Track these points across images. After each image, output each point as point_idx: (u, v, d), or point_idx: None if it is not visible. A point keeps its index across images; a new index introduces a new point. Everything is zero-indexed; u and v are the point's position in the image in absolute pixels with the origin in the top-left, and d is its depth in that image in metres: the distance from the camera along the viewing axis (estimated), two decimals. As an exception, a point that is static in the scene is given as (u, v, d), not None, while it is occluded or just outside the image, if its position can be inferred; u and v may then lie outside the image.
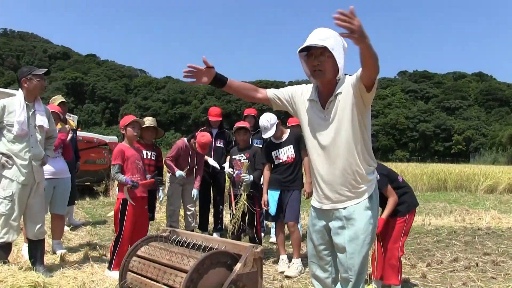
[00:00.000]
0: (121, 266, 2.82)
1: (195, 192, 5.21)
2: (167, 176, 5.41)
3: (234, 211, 4.66)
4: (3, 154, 3.73)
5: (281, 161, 4.48)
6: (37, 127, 3.87)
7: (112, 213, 5.88)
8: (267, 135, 4.44)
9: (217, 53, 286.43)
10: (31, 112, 3.86)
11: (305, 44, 2.24)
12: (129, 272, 2.79)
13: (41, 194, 4.00)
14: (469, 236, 6.45)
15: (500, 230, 7.01)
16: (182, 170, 5.07)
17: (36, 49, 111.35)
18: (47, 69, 4.00)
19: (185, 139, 5.31)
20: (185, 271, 2.38)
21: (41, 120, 3.89)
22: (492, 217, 8.04)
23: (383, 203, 3.53)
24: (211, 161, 5.69)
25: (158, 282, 2.54)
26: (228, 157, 5.81)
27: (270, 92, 2.53)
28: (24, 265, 3.90)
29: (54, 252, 4.69)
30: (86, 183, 9.31)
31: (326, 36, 2.23)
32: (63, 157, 4.86)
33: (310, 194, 4.34)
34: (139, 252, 2.82)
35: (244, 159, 4.72)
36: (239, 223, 4.59)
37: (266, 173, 4.56)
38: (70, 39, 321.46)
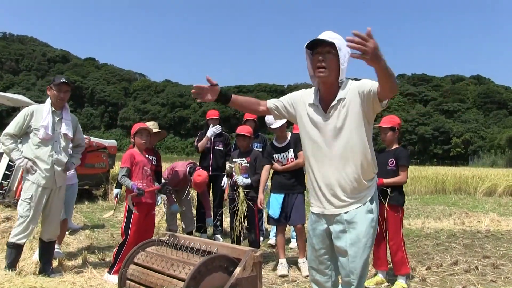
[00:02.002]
0: (120, 272, 2.81)
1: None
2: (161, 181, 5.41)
3: (235, 215, 4.63)
4: (28, 159, 3.87)
5: (281, 164, 4.50)
6: (62, 134, 4.01)
7: (108, 215, 5.86)
8: (275, 125, 4.42)
9: (216, 57, 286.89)
10: (57, 119, 4.00)
11: (315, 38, 2.28)
12: (132, 265, 2.78)
13: (61, 198, 4.14)
14: (468, 239, 6.44)
15: (499, 233, 7.00)
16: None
17: (35, 53, 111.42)
18: (63, 79, 4.02)
19: (187, 167, 5.41)
20: (183, 278, 2.37)
21: (66, 128, 4.04)
22: (491, 220, 8.03)
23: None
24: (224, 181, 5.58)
25: (163, 273, 2.54)
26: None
27: (270, 103, 2.60)
28: (21, 271, 3.88)
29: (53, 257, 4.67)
30: (84, 187, 9.27)
31: (334, 36, 2.29)
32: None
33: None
34: (138, 257, 2.81)
35: (245, 163, 4.72)
36: (239, 226, 4.57)
37: (265, 173, 4.57)
38: (69, 43, 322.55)
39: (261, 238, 5.93)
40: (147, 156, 4.39)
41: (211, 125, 6.00)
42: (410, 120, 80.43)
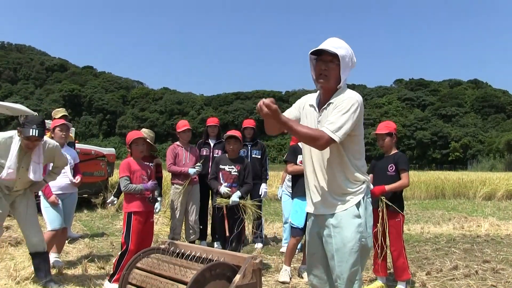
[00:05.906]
0: (120, 279, 2.80)
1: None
2: (171, 188, 5.40)
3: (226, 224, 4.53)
4: None
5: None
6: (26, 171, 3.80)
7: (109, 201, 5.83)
8: None
9: (214, 64, 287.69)
10: (26, 154, 3.79)
11: (319, 47, 2.31)
12: (129, 285, 2.77)
13: (33, 208, 4.04)
14: (468, 243, 6.44)
15: (499, 237, 7.00)
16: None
17: (33, 62, 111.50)
18: (32, 131, 3.60)
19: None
20: (184, 283, 2.37)
21: (32, 173, 3.76)
22: (491, 224, 8.04)
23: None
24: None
25: (165, 276, 2.54)
26: None
27: (288, 114, 2.56)
28: (20, 280, 3.87)
29: (52, 266, 4.65)
30: (83, 195, 9.24)
31: (339, 46, 2.32)
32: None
33: None
34: (138, 264, 2.81)
35: (235, 172, 4.52)
36: (227, 233, 4.45)
37: (289, 169, 4.63)
38: (67, 51, 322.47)
39: (260, 245, 5.94)
40: (145, 163, 4.37)
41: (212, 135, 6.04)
42: (408, 125, 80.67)
